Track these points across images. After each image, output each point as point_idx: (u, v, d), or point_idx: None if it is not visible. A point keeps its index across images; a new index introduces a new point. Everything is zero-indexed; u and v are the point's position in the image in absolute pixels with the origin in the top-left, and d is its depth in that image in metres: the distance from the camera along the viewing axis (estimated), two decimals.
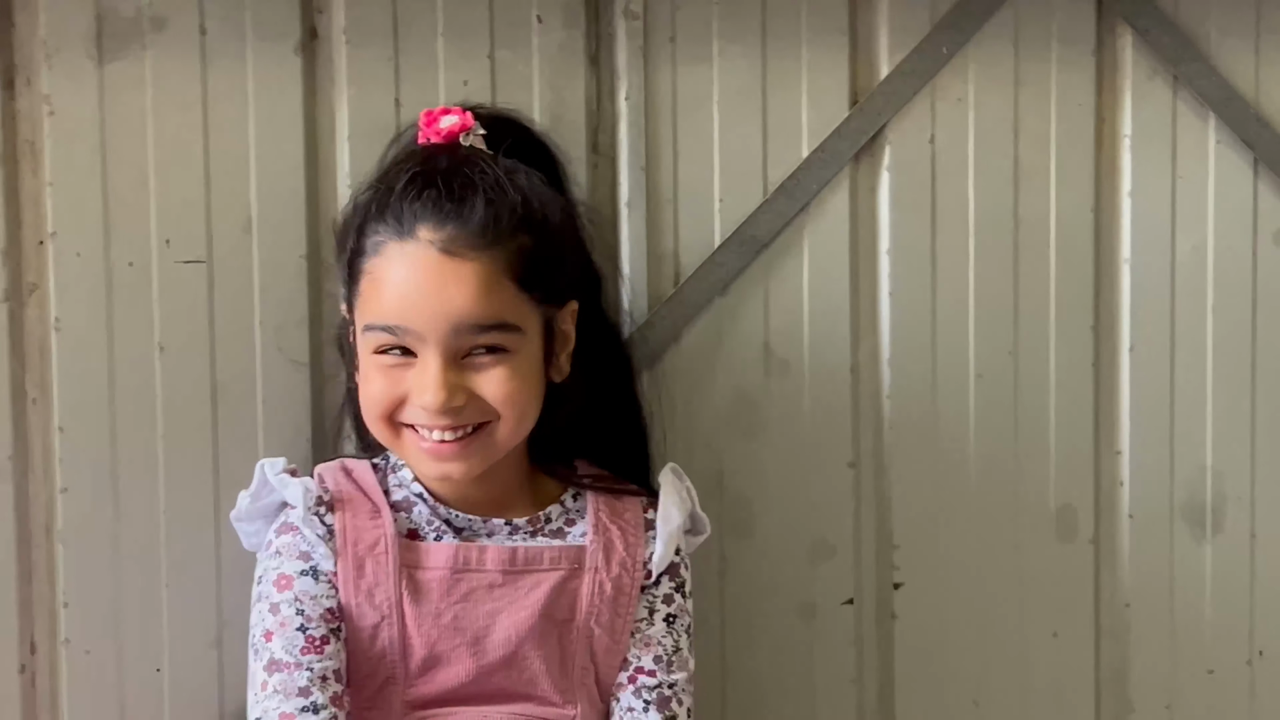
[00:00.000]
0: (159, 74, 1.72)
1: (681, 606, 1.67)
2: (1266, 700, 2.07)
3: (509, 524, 1.62)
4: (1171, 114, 1.98)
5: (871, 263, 1.92)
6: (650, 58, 1.84)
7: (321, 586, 1.56)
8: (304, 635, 1.54)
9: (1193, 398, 2.02)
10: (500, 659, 1.57)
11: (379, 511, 1.59)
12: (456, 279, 1.51)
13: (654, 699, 1.62)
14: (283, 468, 1.60)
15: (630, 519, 1.65)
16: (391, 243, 1.52)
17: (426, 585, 1.57)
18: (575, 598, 1.61)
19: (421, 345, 1.52)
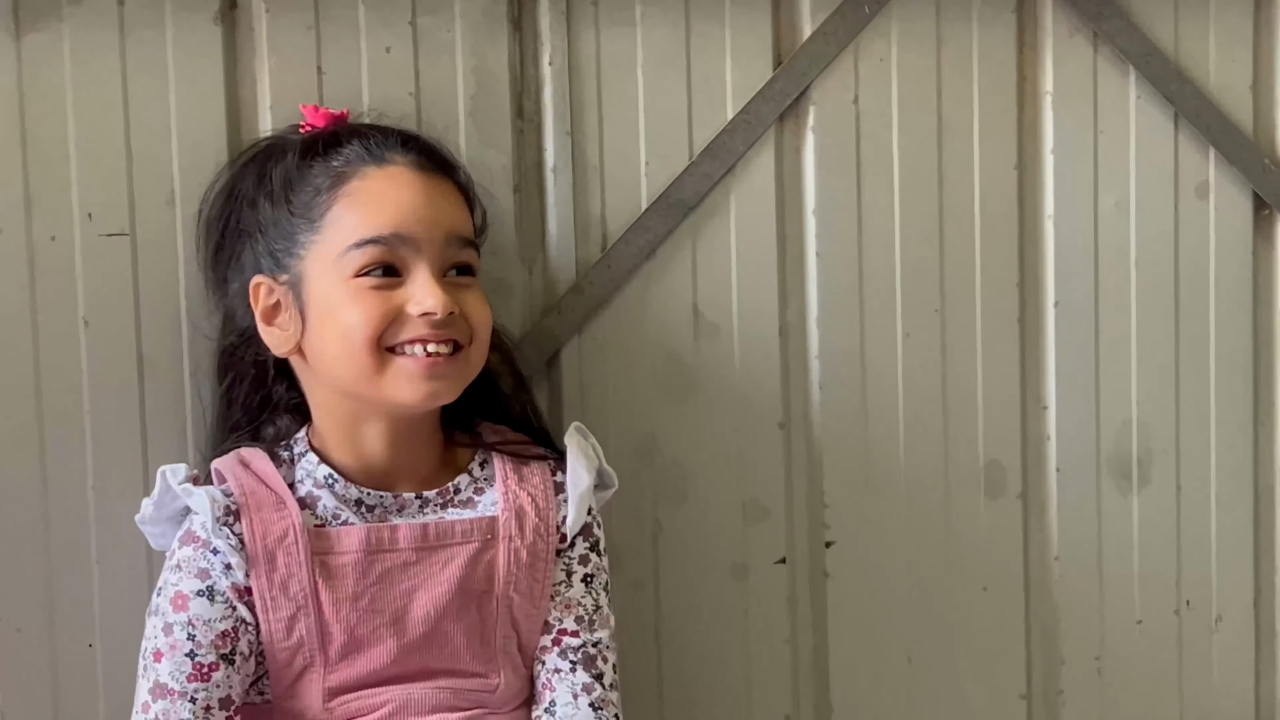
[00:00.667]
0: (77, 46, 1.71)
1: (598, 565, 1.68)
2: (1193, 650, 2.08)
3: (419, 498, 1.63)
4: (1092, 71, 1.99)
5: (798, 224, 1.93)
6: (573, 21, 1.84)
7: (217, 608, 1.56)
8: (192, 662, 1.54)
9: (1117, 352, 2.04)
10: (421, 635, 1.58)
11: (283, 502, 1.59)
12: (441, 192, 1.59)
13: (580, 658, 1.63)
14: (185, 476, 1.59)
15: (539, 483, 1.66)
16: (367, 167, 1.57)
17: (340, 570, 1.57)
18: (492, 568, 1.61)
19: (414, 257, 1.54)
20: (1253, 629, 2.11)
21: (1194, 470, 2.08)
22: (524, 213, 1.85)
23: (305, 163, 1.61)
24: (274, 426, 1.69)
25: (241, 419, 1.70)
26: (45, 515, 1.74)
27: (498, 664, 1.62)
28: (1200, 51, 2.03)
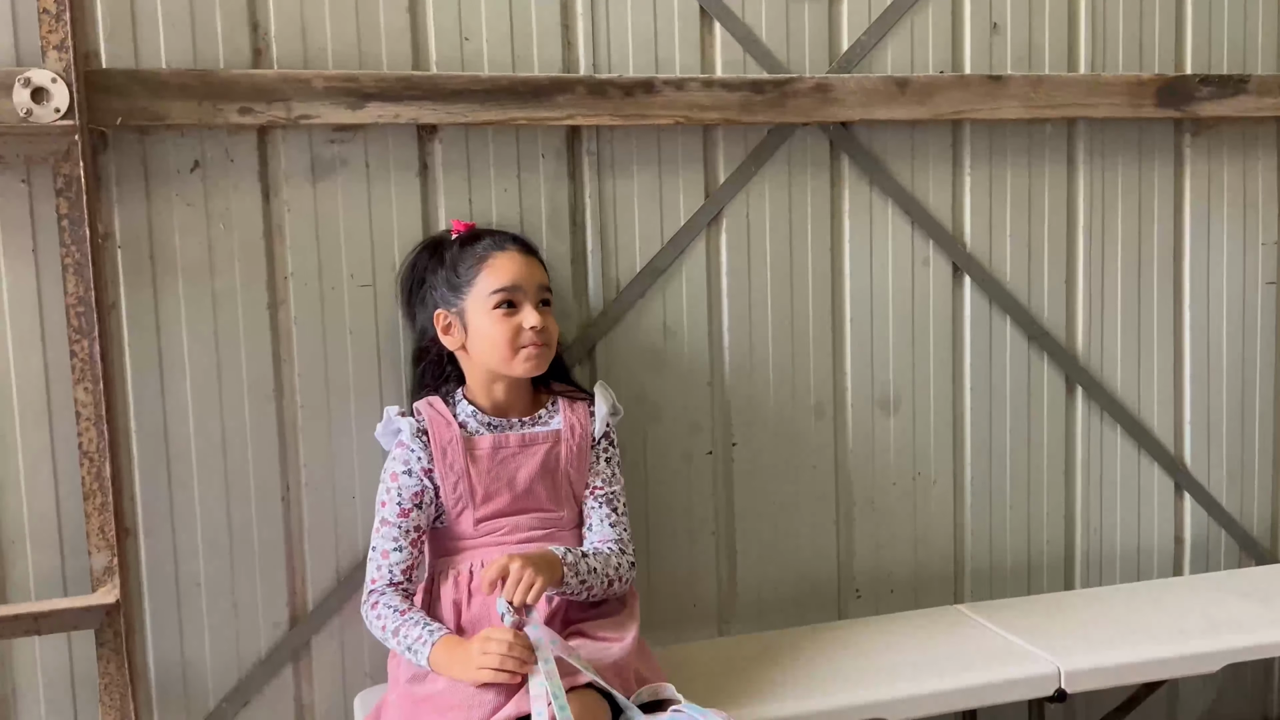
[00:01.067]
0: (345, 188, 1.78)
1: (613, 453, 1.72)
2: (923, 499, 2.10)
3: (521, 421, 1.69)
4: (869, 200, 2.02)
5: (718, 279, 1.97)
6: (602, 175, 1.89)
7: (413, 480, 1.63)
8: (399, 506, 1.63)
9: (880, 343, 2.04)
10: (522, 491, 1.65)
11: (450, 423, 1.65)
12: (533, 264, 1.67)
13: (604, 499, 1.70)
14: (398, 411, 1.67)
15: (582, 412, 1.71)
16: (496, 251, 1.65)
17: (480, 458, 1.65)
18: (558, 456, 1.68)
19: (523, 297, 1.63)
20: (953, 488, 2.12)
21: (920, 406, 2.08)
22: (576, 275, 1.90)
23: (462, 250, 1.68)
24: (445, 386, 1.72)
25: (430, 384, 1.74)
26: (348, 429, 1.80)
27: (563, 504, 1.68)
28: (924, 190, 2.04)
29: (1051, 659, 1.78)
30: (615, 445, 1.74)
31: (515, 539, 1.64)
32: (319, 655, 1.83)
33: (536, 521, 1.66)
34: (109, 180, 1.69)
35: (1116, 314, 2.20)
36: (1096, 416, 2.20)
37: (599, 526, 1.68)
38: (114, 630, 1.63)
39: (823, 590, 2.09)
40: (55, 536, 1.71)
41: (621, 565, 1.65)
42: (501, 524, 1.65)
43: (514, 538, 1.64)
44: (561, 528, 1.68)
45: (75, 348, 1.62)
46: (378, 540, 1.64)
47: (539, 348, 1.64)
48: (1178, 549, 2.29)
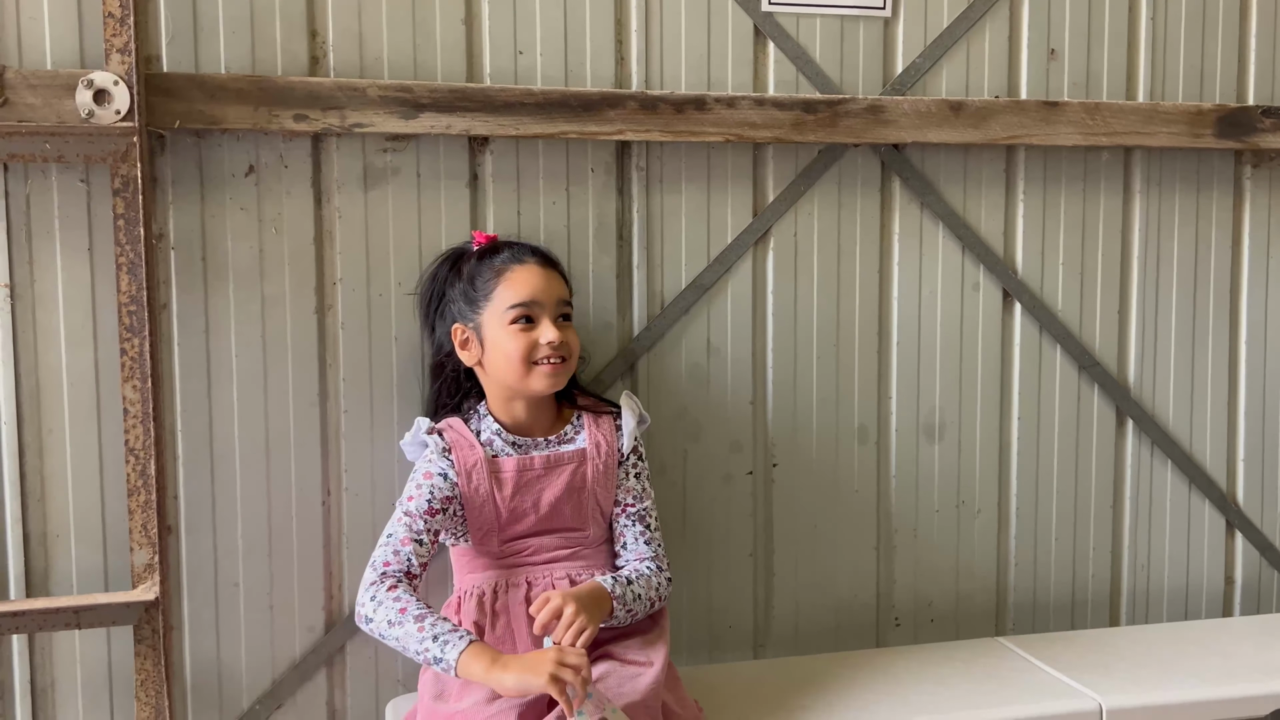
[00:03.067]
0: (396, 196, 1.79)
1: (642, 467, 1.69)
2: (965, 528, 2.06)
3: (546, 440, 1.66)
4: (919, 223, 2.00)
5: (763, 298, 1.96)
6: (650, 190, 1.89)
7: (446, 484, 1.61)
8: (427, 503, 1.60)
9: (927, 370, 2.02)
10: (548, 513, 1.63)
11: (475, 446, 1.63)
12: (552, 277, 1.64)
13: (636, 517, 1.68)
14: (428, 427, 1.65)
15: (607, 427, 1.68)
16: (515, 264, 1.62)
17: (504, 481, 1.62)
18: (584, 476, 1.65)
19: (541, 312, 1.60)
20: (997, 518, 2.09)
21: (966, 433, 2.06)
22: (621, 289, 1.89)
23: (480, 262, 1.65)
24: (465, 403, 1.72)
25: (447, 399, 1.73)
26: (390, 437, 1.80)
27: (589, 524, 1.65)
28: (976, 214, 2.03)
29: (1094, 696, 1.75)
30: (644, 458, 1.72)
31: (541, 559, 1.63)
32: (353, 661, 1.84)
33: (562, 541, 1.65)
34: (165, 182, 1.72)
35: (1170, 346, 2.17)
36: (1147, 450, 2.17)
37: (634, 544, 1.67)
38: (152, 627, 1.65)
39: (861, 617, 2.06)
40: (99, 532, 1.74)
41: (661, 584, 1.64)
42: (528, 544, 1.64)
43: (539, 558, 1.63)
44: (587, 545, 1.66)
45: (125, 346, 1.65)
46: (397, 529, 1.59)
47: (557, 364, 1.61)
48: (1228, 589, 2.25)
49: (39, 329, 1.70)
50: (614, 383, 1.91)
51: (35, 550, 1.73)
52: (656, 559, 1.66)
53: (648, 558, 1.65)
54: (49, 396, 1.71)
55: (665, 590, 1.65)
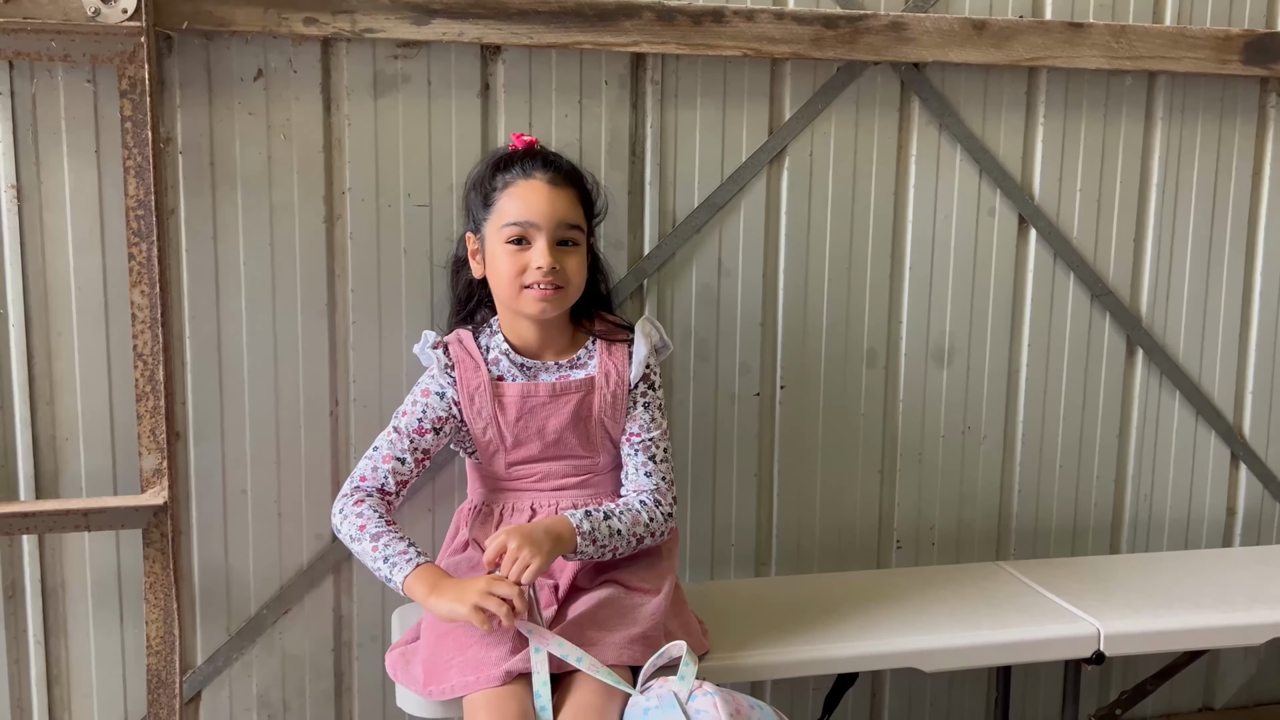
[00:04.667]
0: (406, 105, 1.77)
1: (653, 396, 1.64)
2: (970, 453, 2.07)
3: (556, 364, 1.62)
4: (937, 144, 1.98)
5: (776, 219, 1.94)
6: (664, 105, 1.86)
7: (444, 404, 1.60)
8: (419, 423, 1.60)
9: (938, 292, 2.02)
10: (553, 440, 1.60)
11: (479, 366, 1.60)
12: (559, 196, 1.56)
13: (640, 447, 1.63)
14: (434, 340, 1.63)
15: (619, 355, 1.63)
16: (520, 178, 1.56)
17: (508, 405, 1.60)
18: (591, 405, 1.61)
19: (536, 234, 1.54)
20: (1002, 444, 2.10)
21: (975, 359, 2.05)
22: (632, 206, 1.88)
23: (496, 172, 1.60)
24: (480, 313, 1.68)
25: (460, 307, 1.70)
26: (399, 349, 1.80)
27: (598, 451, 1.63)
28: (994, 137, 2.00)
29: (1092, 620, 1.77)
30: (656, 388, 1.66)
31: (548, 486, 1.62)
32: (360, 569, 1.87)
33: (570, 469, 1.62)
34: (173, 84, 1.70)
35: (1184, 276, 2.16)
36: (1155, 380, 2.17)
37: (634, 475, 1.63)
38: (161, 531, 1.66)
39: (863, 540, 2.08)
40: (108, 437, 1.75)
41: (655, 519, 1.59)
42: (535, 470, 1.62)
43: (547, 485, 1.62)
44: (597, 473, 1.65)
45: (133, 250, 1.64)
46: (383, 443, 1.60)
47: (548, 291, 1.55)
48: (1229, 520, 2.26)
49: (46, 232, 1.70)
50: (623, 301, 1.90)
51: (45, 453, 1.74)
52: (656, 492, 1.60)
53: (646, 490, 1.61)
54: (57, 300, 1.71)
55: (661, 525, 1.59)
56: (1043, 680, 2.21)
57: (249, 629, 1.84)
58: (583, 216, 1.60)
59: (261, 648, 1.85)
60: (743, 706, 1.39)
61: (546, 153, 1.61)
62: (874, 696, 2.15)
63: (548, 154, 1.61)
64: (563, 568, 1.57)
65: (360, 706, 1.91)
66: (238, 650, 1.85)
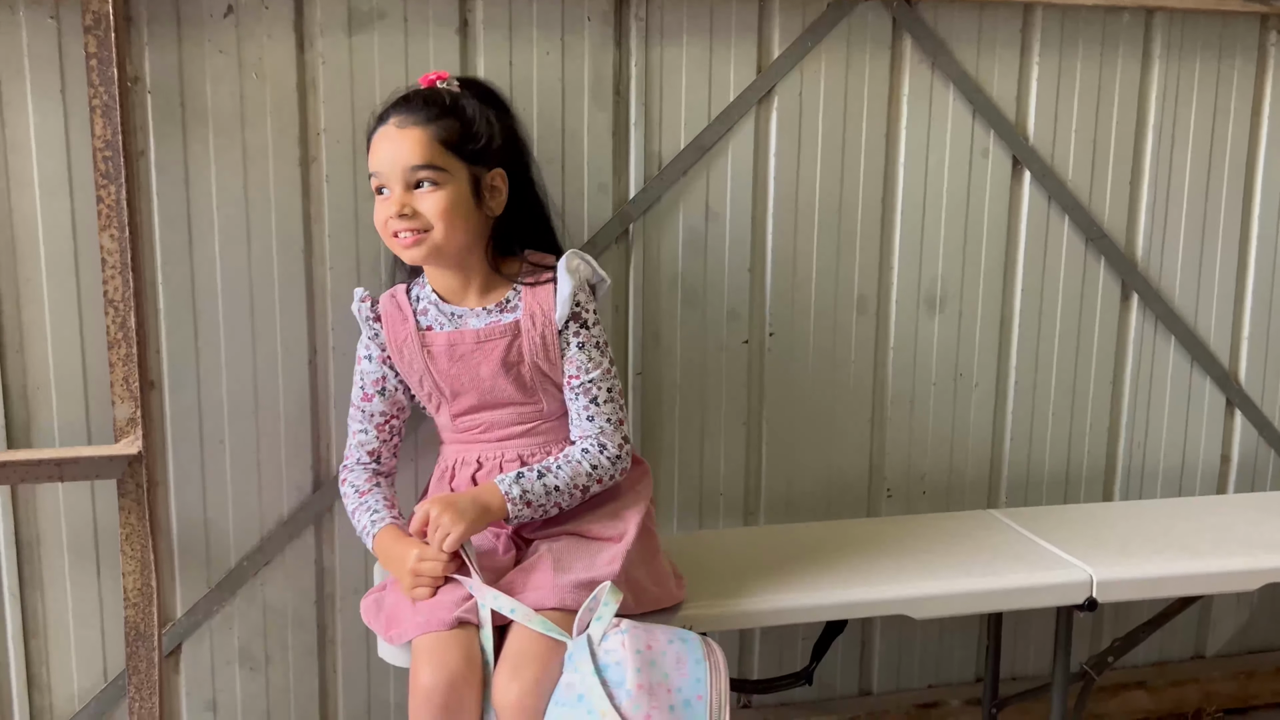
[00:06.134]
0: (382, 42, 1.70)
1: (586, 335, 1.56)
2: (962, 400, 2.06)
3: (485, 309, 1.57)
4: (930, 84, 1.95)
5: (765, 161, 1.91)
6: (650, 43, 1.82)
7: (373, 366, 1.61)
8: (361, 390, 1.62)
9: (931, 239, 1.99)
10: (489, 387, 1.56)
11: (407, 320, 1.57)
12: (407, 138, 1.48)
13: (580, 390, 1.56)
14: (362, 295, 1.60)
15: (544, 296, 1.56)
16: (378, 128, 1.51)
17: (437, 354, 1.56)
18: (520, 350, 1.56)
19: (390, 182, 1.49)
20: (994, 391, 2.08)
21: (968, 305, 2.03)
22: (617, 148, 1.83)
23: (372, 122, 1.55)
24: None
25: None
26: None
27: (539, 397, 1.58)
28: (988, 76, 1.96)
29: (1084, 567, 1.75)
30: (590, 325, 1.57)
31: (493, 436, 1.59)
32: (341, 520, 1.84)
33: (514, 416, 1.58)
34: (140, 21, 1.65)
35: (1180, 219, 2.13)
36: (1150, 326, 2.14)
37: (578, 421, 1.57)
38: (136, 482, 1.63)
39: (853, 488, 2.07)
40: (80, 386, 1.72)
41: (600, 465, 1.53)
42: (479, 420, 1.59)
43: (493, 434, 1.59)
44: (544, 419, 1.59)
45: (102, 193, 1.60)
46: (349, 420, 1.65)
47: (410, 237, 1.49)
48: (1224, 467, 2.25)
49: (11, 175, 1.65)
50: (608, 246, 1.87)
51: (15, 403, 1.71)
52: (601, 434, 1.55)
53: (590, 435, 1.55)
54: (24, 245, 1.67)
55: (610, 470, 1.54)
56: (1033, 629, 2.20)
57: (229, 581, 1.82)
58: (442, 154, 1.49)
59: (242, 600, 1.83)
60: (657, 642, 1.37)
61: (413, 94, 1.53)
62: (863, 645, 2.14)
63: (413, 95, 1.53)
64: None
65: (344, 659, 1.89)
66: (218, 603, 1.82)
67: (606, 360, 1.59)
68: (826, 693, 2.12)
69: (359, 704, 1.91)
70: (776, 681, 1.85)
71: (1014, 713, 2.12)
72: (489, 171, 1.54)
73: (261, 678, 1.86)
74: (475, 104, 1.54)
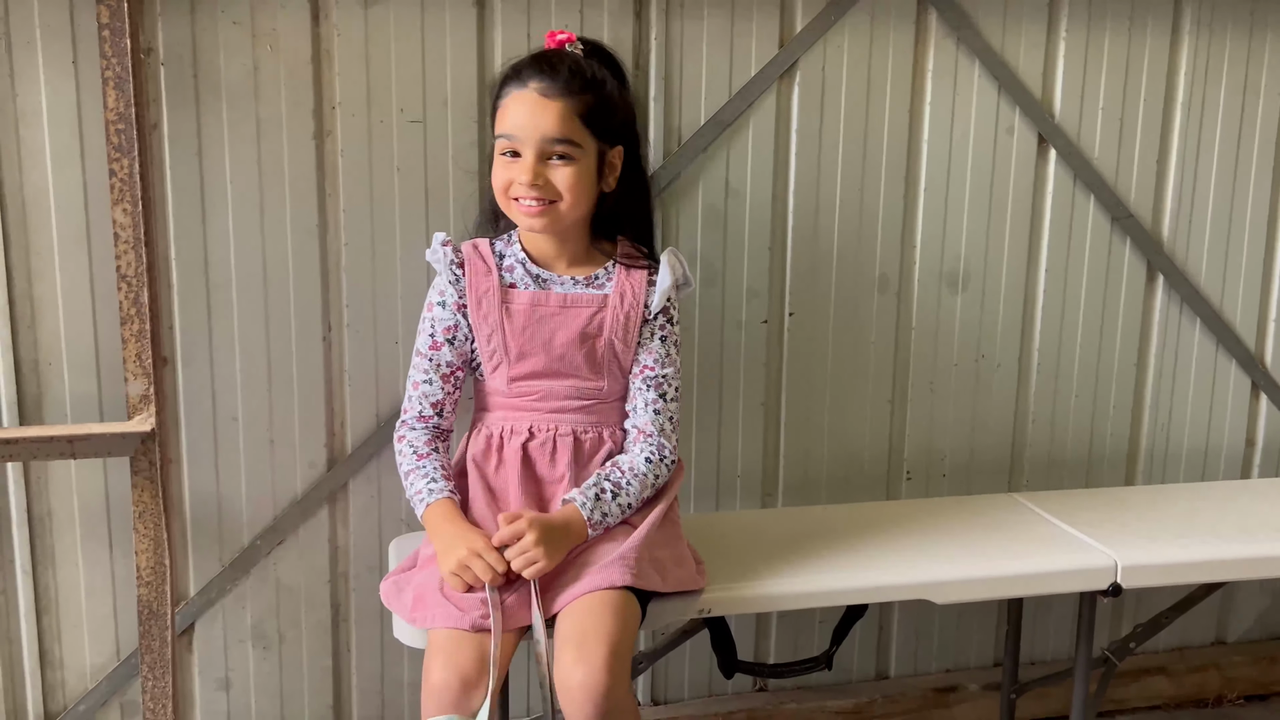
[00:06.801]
0: (397, 16, 1.69)
1: (670, 331, 1.60)
2: (984, 381, 2.04)
3: (573, 279, 1.57)
4: (954, 59, 1.92)
5: (786, 136, 1.88)
6: (670, 15, 1.79)
7: (447, 313, 1.57)
8: (430, 338, 1.57)
9: (954, 214, 1.96)
10: (559, 354, 1.55)
11: (491, 272, 1.56)
12: (549, 109, 1.48)
13: (651, 382, 1.58)
14: (443, 239, 1.57)
15: (639, 280, 1.58)
16: (515, 88, 1.50)
17: (516, 313, 1.55)
18: (602, 323, 1.56)
19: (524, 147, 1.48)
20: (1016, 372, 2.06)
21: (990, 284, 2.01)
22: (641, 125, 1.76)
23: (505, 78, 1.53)
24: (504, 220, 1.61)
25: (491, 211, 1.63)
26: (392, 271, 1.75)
27: (604, 375, 1.57)
28: (1014, 52, 1.94)
29: (1109, 552, 1.72)
30: (675, 323, 1.61)
31: (548, 406, 1.57)
32: (355, 499, 1.82)
33: (574, 390, 1.57)
34: None
35: (1208, 199, 2.09)
36: (1176, 307, 2.11)
37: (642, 411, 1.58)
38: (149, 459, 1.61)
39: (872, 470, 2.04)
40: (92, 361, 1.70)
41: (661, 475, 1.56)
42: (536, 387, 1.57)
43: (547, 404, 1.57)
44: (603, 400, 1.59)
45: (114, 166, 1.57)
46: (412, 371, 1.59)
47: (535, 206, 1.50)
48: (1248, 451, 2.22)
49: (23, 146, 1.63)
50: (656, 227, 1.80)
51: (27, 377, 1.69)
52: (661, 434, 1.57)
53: (651, 430, 1.57)
54: (36, 218, 1.65)
55: (666, 475, 1.58)
56: (1054, 613, 2.18)
57: (242, 560, 1.80)
58: (580, 129, 1.50)
59: (256, 579, 1.82)
60: None
61: (554, 57, 1.52)
62: (881, 630, 2.12)
63: (554, 59, 1.52)
64: None
65: (358, 638, 1.88)
66: (231, 581, 1.81)
67: (679, 360, 1.62)
68: (842, 676, 2.10)
69: (372, 683, 1.90)
70: (795, 666, 1.83)
71: (1033, 698, 2.11)
72: (611, 149, 1.55)
73: (275, 656, 1.85)
74: (610, 79, 1.55)
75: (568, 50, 1.55)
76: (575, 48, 1.56)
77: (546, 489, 1.55)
